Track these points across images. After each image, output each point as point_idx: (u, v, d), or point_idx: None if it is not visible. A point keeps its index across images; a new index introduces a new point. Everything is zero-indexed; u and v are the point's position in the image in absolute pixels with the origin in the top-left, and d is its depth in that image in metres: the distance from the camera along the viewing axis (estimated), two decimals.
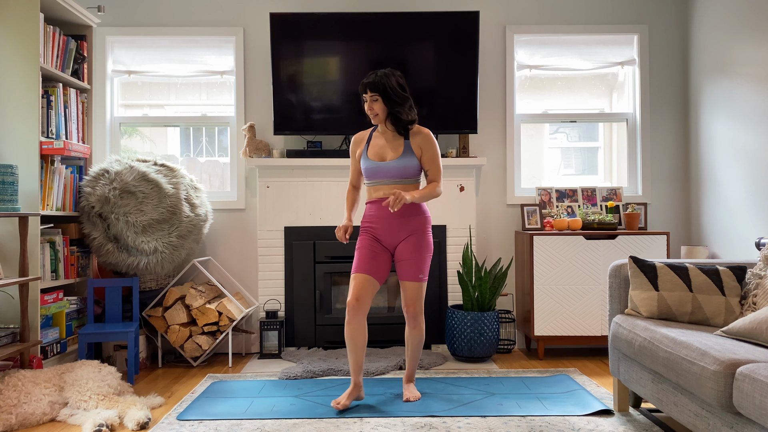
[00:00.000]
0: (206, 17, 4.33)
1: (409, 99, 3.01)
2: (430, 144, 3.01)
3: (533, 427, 2.67)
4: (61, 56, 3.69)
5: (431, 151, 3.01)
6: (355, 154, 3.14)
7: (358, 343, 2.94)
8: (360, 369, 2.98)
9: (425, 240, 3.01)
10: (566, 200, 4.33)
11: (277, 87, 4.12)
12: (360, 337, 2.94)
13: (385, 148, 3.03)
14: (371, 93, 2.97)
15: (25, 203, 3.32)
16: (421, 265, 2.99)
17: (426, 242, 3.02)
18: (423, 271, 3.01)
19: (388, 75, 2.97)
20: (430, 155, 3.01)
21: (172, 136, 4.60)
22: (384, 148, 3.03)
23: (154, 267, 3.72)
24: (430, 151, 3.01)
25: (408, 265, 2.98)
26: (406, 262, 2.98)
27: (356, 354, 2.95)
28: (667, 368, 2.30)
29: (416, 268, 2.98)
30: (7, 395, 2.74)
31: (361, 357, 2.97)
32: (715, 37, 4.02)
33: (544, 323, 3.95)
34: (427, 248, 3.02)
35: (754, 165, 3.63)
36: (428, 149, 3.01)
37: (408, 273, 2.99)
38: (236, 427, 2.71)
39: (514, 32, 4.39)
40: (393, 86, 2.95)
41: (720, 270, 2.72)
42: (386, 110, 2.98)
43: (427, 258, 3.02)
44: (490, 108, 4.39)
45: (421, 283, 3.01)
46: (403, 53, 4.16)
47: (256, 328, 4.24)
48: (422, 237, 3.01)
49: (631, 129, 4.47)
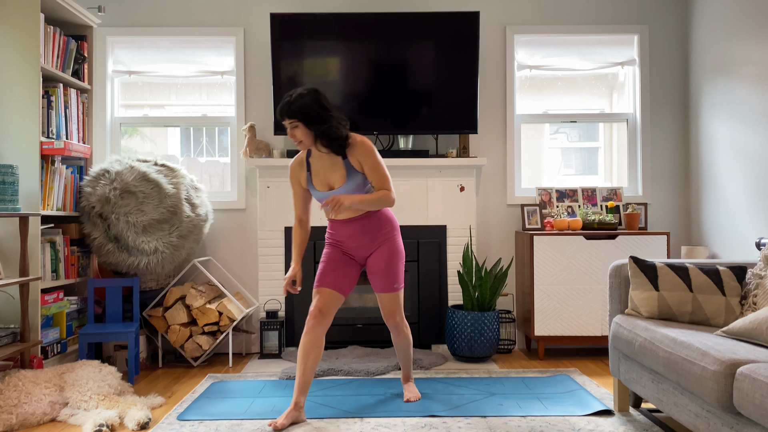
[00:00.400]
0: (206, 17, 4.34)
1: (333, 116, 2.72)
2: (367, 153, 2.75)
3: (533, 427, 2.67)
4: (62, 56, 3.69)
5: (370, 160, 2.75)
6: (298, 182, 2.89)
7: (311, 357, 2.74)
8: (305, 388, 2.75)
9: (395, 248, 2.87)
10: (566, 200, 4.33)
11: (278, 87, 4.12)
12: (314, 351, 2.75)
13: (328, 173, 2.79)
14: (289, 120, 2.71)
15: (26, 203, 3.33)
16: (394, 276, 2.87)
17: (396, 250, 2.88)
18: (398, 281, 2.88)
19: (303, 96, 2.70)
20: (370, 165, 2.75)
21: (172, 137, 4.60)
22: (328, 174, 2.79)
23: (155, 267, 3.72)
24: (369, 160, 2.75)
25: (381, 278, 2.85)
26: (378, 274, 2.85)
27: (305, 369, 2.74)
28: (667, 368, 2.30)
29: (390, 279, 2.86)
30: (8, 395, 2.74)
31: (309, 374, 2.75)
32: (715, 37, 4.02)
33: (545, 323, 3.95)
34: (399, 256, 2.89)
35: (754, 165, 3.63)
36: (366, 160, 2.75)
37: (383, 286, 2.87)
38: (236, 427, 2.71)
39: (514, 32, 4.39)
40: (310, 107, 2.67)
41: (720, 270, 2.72)
42: (311, 134, 2.72)
43: (399, 266, 2.89)
44: (490, 108, 4.39)
45: (397, 293, 2.90)
46: (403, 53, 4.17)
47: (256, 328, 4.24)
48: (392, 246, 2.86)
49: (631, 129, 4.47)
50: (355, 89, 4.16)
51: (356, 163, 2.76)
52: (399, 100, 4.15)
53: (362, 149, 2.75)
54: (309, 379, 2.76)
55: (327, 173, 2.80)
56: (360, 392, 3.19)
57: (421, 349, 4.04)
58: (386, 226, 2.87)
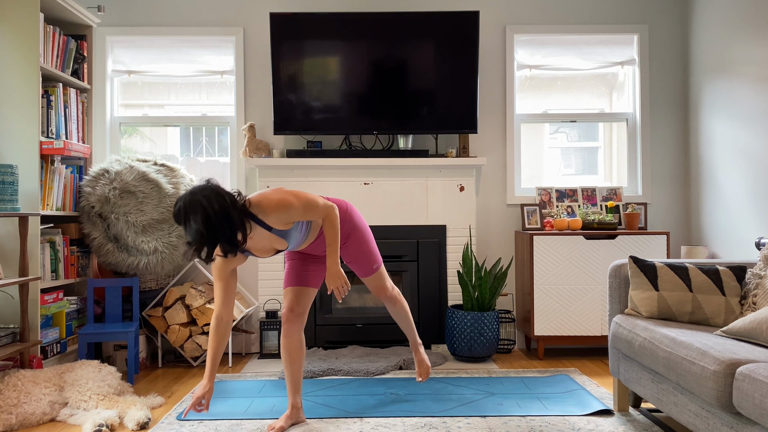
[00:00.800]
0: (206, 17, 4.33)
1: (233, 219, 2.27)
2: (284, 210, 2.40)
3: (533, 427, 2.67)
4: (61, 56, 3.69)
5: (291, 212, 2.41)
6: (226, 274, 2.55)
7: (295, 359, 2.72)
8: (297, 388, 2.74)
9: (359, 233, 2.75)
10: (566, 200, 4.33)
11: (277, 87, 4.12)
12: (296, 352, 2.72)
13: (265, 243, 2.50)
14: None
15: (25, 203, 3.32)
16: (369, 260, 2.78)
17: (361, 235, 2.76)
18: (374, 262, 2.80)
19: (195, 206, 2.23)
20: (296, 214, 2.44)
21: (172, 136, 4.59)
22: (266, 244, 2.51)
23: (154, 267, 3.72)
24: (291, 212, 2.42)
25: (358, 266, 2.79)
26: (354, 264, 2.79)
27: (292, 370, 2.72)
28: (667, 368, 2.30)
29: (367, 264, 2.79)
30: (7, 395, 2.74)
31: (298, 374, 2.73)
32: (715, 36, 4.02)
33: (544, 323, 3.95)
34: (365, 238, 2.77)
35: (754, 165, 3.63)
36: (289, 215, 2.42)
37: (363, 272, 2.81)
38: (236, 427, 2.71)
39: (514, 32, 4.39)
40: (210, 218, 2.23)
41: (720, 270, 2.72)
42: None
43: (370, 248, 2.78)
44: (490, 108, 4.39)
45: (378, 273, 2.82)
46: (403, 53, 4.16)
47: (256, 328, 4.24)
48: (356, 233, 2.75)
49: (631, 129, 4.47)
50: (354, 89, 4.16)
51: (281, 224, 2.45)
52: (399, 100, 4.15)
53: (278, 210, 2.40)
54: (299, 379, 2.75)
55: (264, 243, 2.50)
56: (360, 392, 3.19)
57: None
58: (346, 224, 2.74)
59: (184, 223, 2.26)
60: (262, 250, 2.53)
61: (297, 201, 2.44)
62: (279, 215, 2.41)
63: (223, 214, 2.24)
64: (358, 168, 4.12)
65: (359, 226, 2.77)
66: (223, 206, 2.25)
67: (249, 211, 2.37)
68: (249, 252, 2.53)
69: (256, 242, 2.47)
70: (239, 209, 2.31)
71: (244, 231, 2.31)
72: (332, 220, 2.53)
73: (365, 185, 4.14)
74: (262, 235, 2.45)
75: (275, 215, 2.40)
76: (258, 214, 2.39)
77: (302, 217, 2.48)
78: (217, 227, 2.23)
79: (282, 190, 2.48)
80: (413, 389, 3.24)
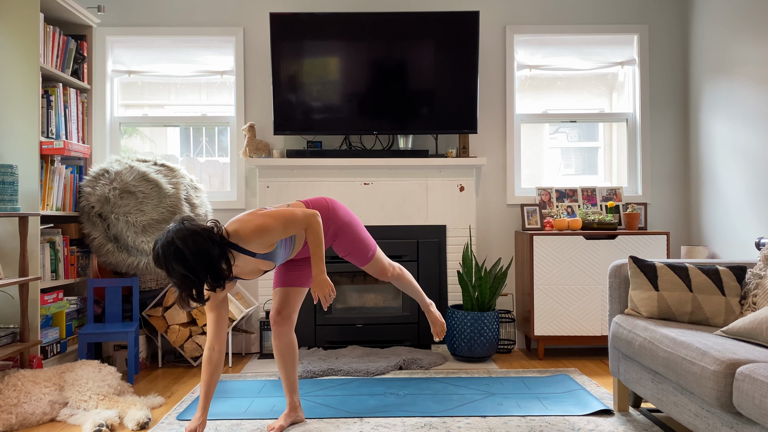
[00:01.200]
0: (206, 17, 4.33)
1: (213, 255, 2.25)
2: (264, 235, 2.35)
3: (533, 427, 2.67)
4: (61, 56, 3.69)
5: (271, 234, 2.37)
6: (216, 299, 2.50)
7: (287, 359, 2.71)
8: (293, 388, 2.74)
9: (347, 228, 2.69)
10: (566, 200, 4.33)
11: (277, 87, 4.12)
12: (287, 352, 2.71)
13: (251, 266, 2.46)
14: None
15: (25, 203, 3.32)
16: (363, 249, 2.73)
17: (349, 229, 2.70)
18: (368, 250, 2.75)
19: (172, 251, 2.21)
20: (276, 235, 2.39)
21: (172, 136, 4.60)
22: (252, 267, 2.47)
23: (154, 267, 3.72)
24: (271, 235, 2.37)
25: (355, 257, 2.75)
26: (350, 256, 2.75)
27: (286, 371, 2.73)
28: (667, 368, 2.30)
29: (362, 253, 2.73)
30: (7, 395, 2.74)
31: (292, 374, 2.73)
32: (715, 36, 4.02)
33: (544, 323, 3.95)
34: (354, 231, 2.71)
35: (754, 165, 3.63)
36: (269, 237, 2.38)
37: (359, 261, 2.76)
38: (236, 427, 2.71)
39: (514, 32, 4.39)
40: (189, 260, 2.21)
41: (720, 270, 2.72)
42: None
43: (361, 236, 2.73)
44: (490, 108, 4.39)
45: (375, 259, 2.77)
46: (403, 53, 4.16)
47: (256, 328, 4.24)
48: (344, 230, 2.69)
49: (631, 129, 4.47)
50: (354, 89, 4.16)
51: (263, 247, 2.41)
52: (399, 100, 4.15)
53: (255, 239, 2.36)
54: (293, 378, 2.75)
55: (251, 267, 2.47)
56: (360, 392, 3.19)
57: (421, 349, 4.04)
58: (331, 224, 2.68)
59: (165, 269, 2.23)
60: (249, 273, 2.49)
61: (275, 222, 2.38)
62: (259, 241, 2.36)
63: (201, 253, 2.21)
64: (358, 168, 4.12)
65: (346, 222, 2.71)
66: (200, 245, 2.21)
67: (229, 242, 2.33)
68: (236, 278, 2.49)
69: (242, 268, 2.43)
70: (218, 243, 2.27)
71: (228, 263, 2.29)
72: (314, 228, 2.46)
73: (365, 185, 4.14)
74: (247, 261, 2.41)
75: (256, 241, 2.36)
76: (239, 243, 2.35)
77: (283, 236, 2.42)
78: (198, 268, 2.21)
79: (257, 214, 2.43)
80: (413, 389, 3.24)
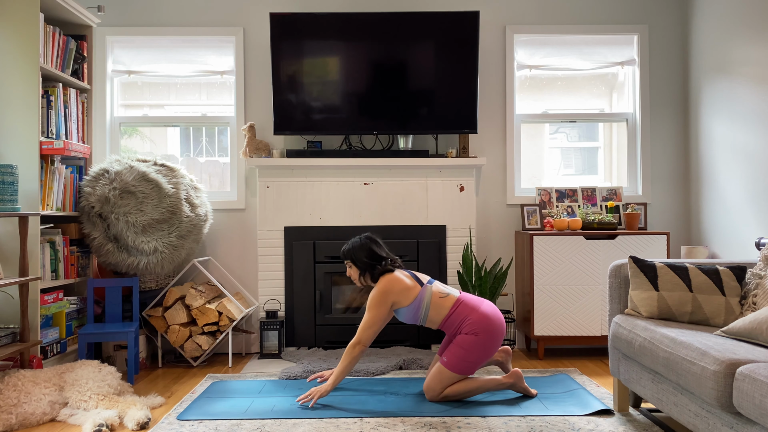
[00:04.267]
0: (206, 17, 4.33)
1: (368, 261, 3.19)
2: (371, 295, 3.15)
3: (533, 427, 2.67)
4: (61, 56, 3.69)
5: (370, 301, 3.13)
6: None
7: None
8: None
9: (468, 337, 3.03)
10: (566, 200, 4.33)
11: (277, 87, 4.12)
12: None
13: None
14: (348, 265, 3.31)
15: (25, 203, 3.32)
16: (458, 358, 3.03)
17: (469, 342, 3.02)
18: (460, 365, 3.04)
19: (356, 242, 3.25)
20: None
21: (172, 136, 4.60)
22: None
23: (154, 267, 3.72)
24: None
25: (447, 351, 3.08)
26: (446, 350, 3.14)
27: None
28: (667, 368, 2.30)
29: (452, 359, 3.04)
30: (7, 395, 2.74)
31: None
32: (715, 36, 4.02)
33: (544, 323, 3.95)
34: (470, 347, 3.02)
35: (753, 165, 3.63)
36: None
37: (445, 357, 3.11)
38: (236, 427, 2.71)
39: (514, 32, 4.39)
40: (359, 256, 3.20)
41: (720, 270, 2.72)
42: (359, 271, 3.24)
43: (469, 356, 3.01)
44: (490, 108, 4.39)
45: (449, 374, 3.09)
46: (403, 53, 4.16)
47: (256, 328, 4.24)
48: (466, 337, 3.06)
49: (631, 129, 4.47)
50: (355, 89, 4.16)
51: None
52: (399, 100, 4.15)
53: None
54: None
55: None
56: (360, 392, 3.19)
57: (421, 349, 4.04)
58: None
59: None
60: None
61: (372, 303, 3.12)
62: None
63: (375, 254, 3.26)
64: (358, 168, 4.12)
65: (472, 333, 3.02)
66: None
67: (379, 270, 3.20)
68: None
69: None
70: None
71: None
72: (348, 351, 3.04)
73: (365, 185, 4.14)
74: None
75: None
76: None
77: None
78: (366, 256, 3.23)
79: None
80: (413, 389, 3.24)
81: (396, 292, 3.05)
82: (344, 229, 4.13)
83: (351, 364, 3.01)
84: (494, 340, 2.99)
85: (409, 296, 3.05)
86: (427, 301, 3.06)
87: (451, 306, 3.05)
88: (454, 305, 3.04)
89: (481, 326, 2.98)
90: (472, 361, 2.98)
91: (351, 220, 4.13)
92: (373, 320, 3.02)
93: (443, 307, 3.05)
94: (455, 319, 3.03)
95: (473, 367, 3.00)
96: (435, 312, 3.06)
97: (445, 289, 3.12)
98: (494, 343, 3.00)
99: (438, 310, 3.05)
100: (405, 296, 3.05)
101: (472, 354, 2.96)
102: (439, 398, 3.01)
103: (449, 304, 3.05)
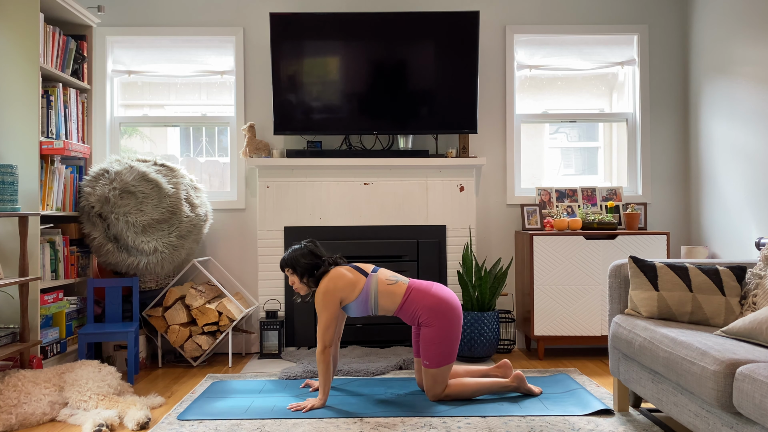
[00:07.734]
0: (206, 17, 4.33)
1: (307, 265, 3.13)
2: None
3: (533, 427, 2.67)
4: (61, 56, 3.69)
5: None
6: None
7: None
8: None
9: (431, 322, 3.02)
10: (566, 200, 4.33)
11: (277, 87, 4.12)
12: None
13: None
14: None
15: (25, 203, 3.32)
16: (431, 351, 3.04)
17: (436, 326, 3.02)
18: (435, 358, 3.06)
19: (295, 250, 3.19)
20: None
21: (172, 136, 4.60)
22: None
23: (154, 267, 3.72)
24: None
25: (423, 354, 3.08)
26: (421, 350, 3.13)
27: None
28: (667, 368, 2.30)
29: (427, 355, 3.05)
30: (7, 395, 2.74)
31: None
32: (715, 37, 4.02)
33: (544, 323, 3.95)
34: (438, 331, 3.02)
35: (753, 165, 3.63)
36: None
37: (424, 359, 3.11)
38: (236, 427, 2.71)
39: (514, 32, 4.39)
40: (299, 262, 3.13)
41: (720, 270, 2.72)
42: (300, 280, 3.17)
43: (440, 342, 3.02)
44: (490, 108, 4.39)
45: (436, 372, 3.08)
46: (403, 53, 4.16)
47: (256, 328, 4.24)
48: (428, 323, 3.02)
49: (631, 129, 4.47)
50: (354, 89, 4.16)
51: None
52: (399, 100, 4.15)
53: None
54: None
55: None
56: (360, 392, 3.19)
57: None
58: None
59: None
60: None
61: (319, 308, 3.04)
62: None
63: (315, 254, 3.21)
64: (358, 168, 4.12)
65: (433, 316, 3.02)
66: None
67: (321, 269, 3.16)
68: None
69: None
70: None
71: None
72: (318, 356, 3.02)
73: (365, 185, 4.14)
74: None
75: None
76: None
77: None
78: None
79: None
80: (413, 389, 3.24)
81: (340, 288, 3.01)
82: (344, 229, 4.13)
83: (329, 367, 2.97)
84: (453, 321, 3.00)
85: (354, 290, 3.02)
86: (374, 289, 3.02)
87: (403, 293, 3.03)
88: (407, 292, 3.02)
89: (436, 312, 2.98)
90: (447, 350, 2.99)
91: (351, 220, 4.13)
92: (327, 322, 2.97)
93: (395, 294, 3.02)
94: (409, 306, 3.01)
95: (452, 351, 3.01)
96: (386, 299, 3.02)
97: (393, 276, 3.09)
98: (455, 323, 3.01)
99: (390, 297, 3.02)
100: (350, 291, 3.01)
101: (442, 343, 2.97)
102: (443, 396, 3.02)
103: (401, 291, 3.03)
